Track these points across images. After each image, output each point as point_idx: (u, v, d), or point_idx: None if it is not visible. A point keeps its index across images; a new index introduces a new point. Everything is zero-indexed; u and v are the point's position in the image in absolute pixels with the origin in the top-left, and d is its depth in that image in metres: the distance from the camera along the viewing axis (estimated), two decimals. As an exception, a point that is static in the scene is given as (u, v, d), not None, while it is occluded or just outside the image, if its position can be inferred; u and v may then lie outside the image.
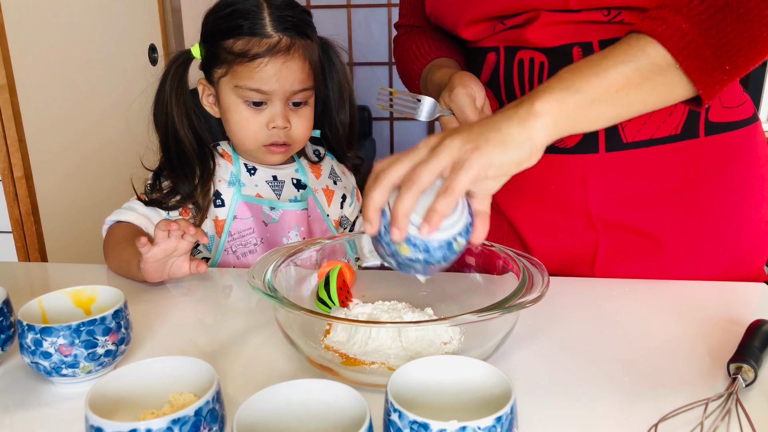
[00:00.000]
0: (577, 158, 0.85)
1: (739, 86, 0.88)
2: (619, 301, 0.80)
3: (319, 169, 1.13)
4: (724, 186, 0.86)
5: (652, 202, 0.85)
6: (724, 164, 0.85)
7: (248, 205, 1.02)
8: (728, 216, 0.86)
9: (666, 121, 0.82)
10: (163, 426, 0.46)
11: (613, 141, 0.83)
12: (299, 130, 1.00)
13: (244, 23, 0.93)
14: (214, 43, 0.97)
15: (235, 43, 0.94)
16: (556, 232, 0.90)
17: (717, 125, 0.84)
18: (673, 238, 0.86)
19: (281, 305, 0.62)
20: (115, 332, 0.63)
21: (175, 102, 1.00)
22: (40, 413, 0.60)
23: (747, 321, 0.68)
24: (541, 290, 0.63)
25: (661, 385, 0.62)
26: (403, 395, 0.50)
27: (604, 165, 0.84)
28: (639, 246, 0.87)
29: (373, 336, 0.65)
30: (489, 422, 0.44)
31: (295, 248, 0.77)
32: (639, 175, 0.84)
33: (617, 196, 0.85)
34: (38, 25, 1.74)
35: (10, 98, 1.61)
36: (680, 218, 0.86)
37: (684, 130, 0.83)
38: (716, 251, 0.87)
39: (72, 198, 1.87)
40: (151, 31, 2.34)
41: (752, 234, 0.89)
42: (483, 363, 0.52)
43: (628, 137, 0.83)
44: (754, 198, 0.88)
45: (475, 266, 0.79)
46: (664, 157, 0.83)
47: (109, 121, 2.04)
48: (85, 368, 0.62)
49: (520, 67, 0.86)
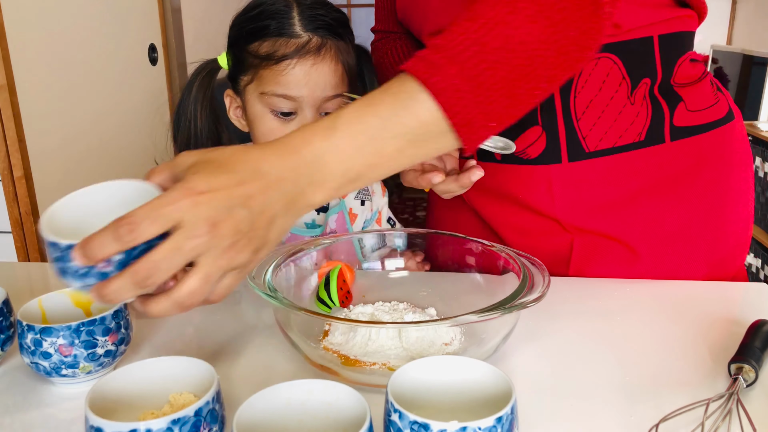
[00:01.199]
0: (541, 168, 0.84)
1: (709, 87, 0.86)
2: (620, 302, 0.80)
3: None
4: (695, 188, 0.84)
5: (620, 208, 0.84)
6: (693, 167, 0.84)
7: None
8: (700, 218, 0.85)
9: (628, 129, 0.82)
10: (163, 426, 0.46)
11: (575, 151, 0.83)
12: None
13: (271, 23, 0.86)
14: (240, 48, 0.89)
15: (261, 46, 0.86)
16: (532, 234, 0.89)
17: (683, 129, 0.83)
18: (645, 242, 0.85)
19: (281, 305, 0.62)
20: (114, 332, 0.63)
21: (200, 114, 0.91)
22: (40, 413, 0.60)
23: (748, 321, 0.68)
24: (542, 290, 0.63)
25: (662, 386, 0.61)
26: (404, 395, 0.50)
27: (569, 174, 0.84)
28: (613, 249, 0.86)
29: (373, 337, 0.65)
30: (489, 422, 0.44)
31: (295, 248, 0.77)
32: (605, 183, 0.84)
33: (584, 203, 0.85)
34: (38, 25, 1.74)
35: (10, 98, 1.61)
36: (650, 222, 0.85)
37: (648, 137, 0.82)
38: (692, 253, 0.86)
39: (72, 198, 1.86)
40: (151, 30, 2.34)
41: (731, 234, 0.88)
42: (483, 363, 0.51)
43: (590, 147, 0.82)
44: (730, 198, 0.87)
45: (475, 266, 0.79)
46: (629, 163, 0.83)
47: (109, 121, 2.04)
48: (85, 368, 0.62)
49: None
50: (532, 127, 0.84)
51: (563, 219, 0.86)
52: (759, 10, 3.08)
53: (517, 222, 0.90)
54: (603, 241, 0.86)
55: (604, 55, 0.80)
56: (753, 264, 2.42)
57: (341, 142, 0.56)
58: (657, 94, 0.83)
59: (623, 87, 0.81)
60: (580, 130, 0.82)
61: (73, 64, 1.89)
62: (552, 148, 0.83)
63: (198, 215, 0.49)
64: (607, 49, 0.80)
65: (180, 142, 0.94)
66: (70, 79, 1.88)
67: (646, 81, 0.82)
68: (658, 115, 0.82)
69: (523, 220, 0.89)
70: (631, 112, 0.82)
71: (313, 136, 0.56)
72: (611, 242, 0.86)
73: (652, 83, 0.82)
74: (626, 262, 0.86)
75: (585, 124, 0.82)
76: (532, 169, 0.85)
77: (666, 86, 0.83)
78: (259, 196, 0.52)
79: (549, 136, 0.83)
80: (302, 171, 0.55)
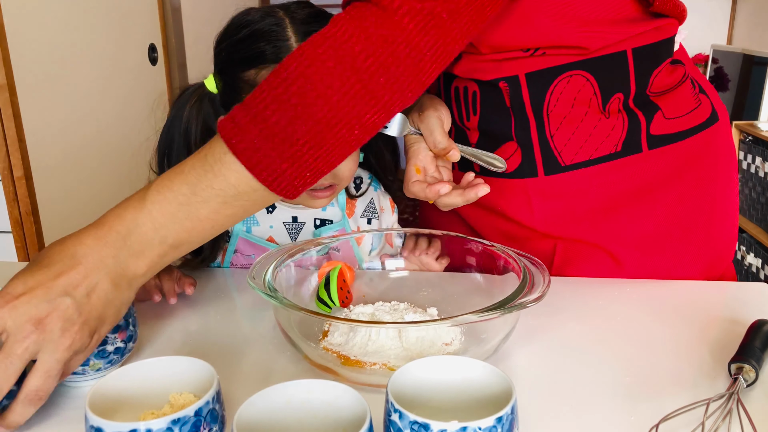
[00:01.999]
0: (518, 182, 0.84)
1: (689, 91, 0.84)
2: (620, 302, 0.79)
3: (353, 206, 0.96)
4: (676, 193, 0.83)
5: (600, 216, 0.84)
6: (674, 173, 0.83)
7: (252, 244, 0.92)
8: (684, 221, 0.84)
9: (604, 142, 0.81)
10: (163, 426, 0.46)
11: (550, 165, 0.82)
12: (345, 166, 0.84)
13: (266, 48, 0.78)
14: (232, 76, 0.82)
15: (258, 74, 0.79)
16: (516, 239, 0.89)
17: (661, 138, 0.81)
18: (626, 248, 0.84)
19: (281, 305, 0.62)
20: (123, 329, 0.64)
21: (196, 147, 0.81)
22: (40, 413, 0.59)
23: (748, 321, 0.68)
24: (542, 290, 0.63)
25: (662, 385, 0.61)
26: (404, 395, 0.50)
27: (546, 187, 0.83)
28: (595, 254, 0.86)
29: (373, 337, 0.65)
30: (490, 422, 0.44)
31: (295, 248, 0.77)
32: (582, 194, 0.83)
33: (563, 214, 0.84)
34: (38, 25, 1.73)
35: (10, 98, 1.61)
36: (630, 229, 0.84)
37: (625, 147, 0.81)
38: (677, 256, 0.85)
39: (72, 198, 1.87)
40: (151, 30, 2.34)
41: (719, 234, 0.87)
42: (483, 363, 0.51)
43: (565, 161, 0.81)
44: (717, 199, 0.86)
45: (475, 266, 0.79)
46: (606, 174, 0.82)
47: (109, 121, 2.04)
48: (95, 366, 0.62)
49: (456, 94, 0.86)
50: (507, 142, 0.83)
51: (543, 229, 0.86)
52: (759, 10, 3.08)
53: (500, 227, 0.89)
54: (585, 247, 0.86)
55: (575, 73, 0.79)
56: (753, 264, 2.42)
57: (154, 210, 0.59)
58: (632, 106, 0.81)
59: (593, 103, 0.80)
60: (554, 145, 0.81)
61: (73, 64, 1.89)
62: (527, 162, 0.83)
63: (19, 317, 0.53)
64: (579, 67, 0.78)
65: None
66: (70, 79, 1.88)
67: (618, 96, 0.80)
68: (634, 125, 0.81)
69: (505, 227, 0.89)
70: (607, 125, 0.80)
71: (125, 210, 0.59)
72: (593, 248, 0.85)
73: (625, 97, 0.80)
74: (610, 267, 0.86)
75: (559, 140, 0.81)
76: (509, 182, 0.84)
77: (642, 97, 0.81)
78: (81, 281, 0.56)
79: (524, 151, 0.83)
80: (120, 245, 0.58)
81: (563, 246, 0.86)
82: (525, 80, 0.79)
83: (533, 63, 0.78)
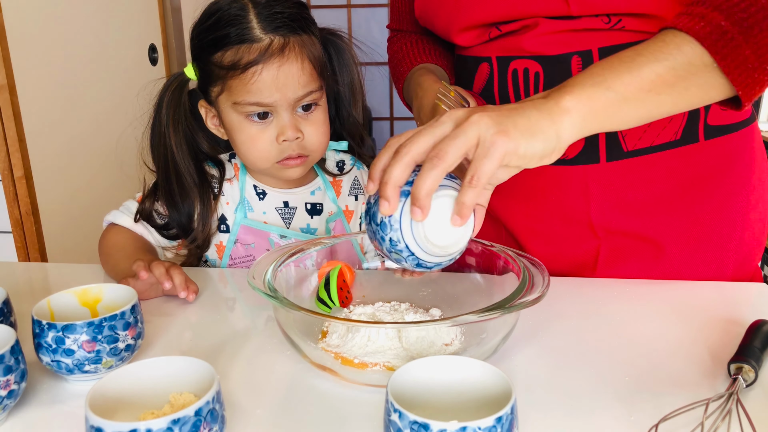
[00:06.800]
0: (578, 169, 0.84)
1: None
2: (620, 302, 0.80)
3: (339, 185, 1.01)
4: (724, 188, 0.85)
5: (654, 208, 0.85)
6: (724, 166, 0.84)
7: (252, 230, 0.95)
8: (729, 217, 0.86)
9: (666, 128, 0.82)
10: (163, 426, 0.46)
11: (613, 151, 0.82)
12: (314, 138, 0.90)
13: (230, 30, 0.85)
14: (204, 60, 0.88)
15: (224, 55, 0.86)
16: (556, 240, 0.89)
17: (716, 128, 0.83)
18: (675, 241, 0.86)
19: (281, 305, 0.62)
20: (133, 326, 0.64)
21: (173, 131, 0.92)
22: (40, 413, 0.60)
23: (747, 321, 0.68)
24: (542, 290, 0.63)
25: (662, 386, 0.61)
26: (403, 395, 0.50)
27: (606, 174, 0.83)
28: (641, 251, 0.87)
29: (373, 337, 0.65)
30: (489, 422, 0.44)
31: (295, 248, 0.77)
32: (640, 182, 0.84)
33: (619, 203, 0.85)
34: (38, 25, 1.74)
35: (10, 98, 1.61)
36: (682, 222, 0.85)
37: (684, 135, 0.82)
38: (719, 253, 0.86)
39: (72, 198, 1.87)
40: (151, 31, 2.34)
41: (751, 234, 0.88)
42: (483, 363, 0.52)
43: (628, 146, 0.82)
44: (753, 197, 0.87)
45: (475, 266, 0.79)
46: (665, 162, 0.83)
47: (109, 121, 2.04)
48: (107, 363, 0.62)
49: (514, 77, 0.84)
50: None
51: (596, 221, 0.85)
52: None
53: (544, 229, 0.89)
54: (631, 242, 0.86)
55: None
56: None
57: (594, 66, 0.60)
58: None
59: None
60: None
61: (73, 64, 1.89)
62: (590, 147, 0.82)
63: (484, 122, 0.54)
64: None
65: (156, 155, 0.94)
66: (70, 79, 1.88)
67: None
68: (695, 113, 0.81)
69: (548, 226, 0.88)
70: None
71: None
72: (639, 243, 0.86)
73: None
74: (653, 263, 0.86)
75: None
76: (568, 169, 0.84)
77: None
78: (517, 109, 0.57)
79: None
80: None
81: (608, 245, 0.87)
82: (598, 56, 0.78)
83: (609, 37, 0.77)
